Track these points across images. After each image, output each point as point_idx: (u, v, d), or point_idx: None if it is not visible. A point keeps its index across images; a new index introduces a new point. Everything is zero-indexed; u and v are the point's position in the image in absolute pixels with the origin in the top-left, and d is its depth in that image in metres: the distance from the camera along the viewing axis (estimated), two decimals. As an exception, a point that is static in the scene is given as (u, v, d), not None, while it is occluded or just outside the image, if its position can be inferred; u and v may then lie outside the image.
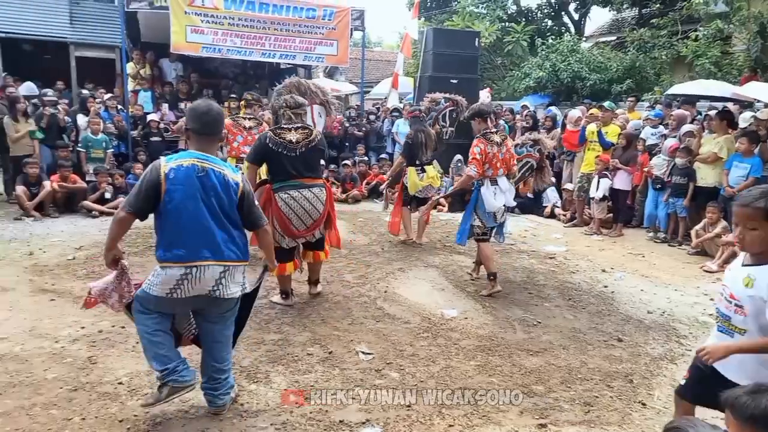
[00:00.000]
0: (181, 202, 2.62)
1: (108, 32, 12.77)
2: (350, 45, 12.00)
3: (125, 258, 2.93)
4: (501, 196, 5.04)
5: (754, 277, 2.10)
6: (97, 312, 4.22)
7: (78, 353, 3.58)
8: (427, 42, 11.53)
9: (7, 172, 8.53)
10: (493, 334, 4.20)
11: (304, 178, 4.30)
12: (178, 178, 2.62)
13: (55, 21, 12.78)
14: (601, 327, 4.45)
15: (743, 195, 2.16)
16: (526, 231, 7.89)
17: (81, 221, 7.45)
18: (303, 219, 4.31)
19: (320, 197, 4.36)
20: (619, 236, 7.64)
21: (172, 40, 9.50)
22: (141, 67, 11.31)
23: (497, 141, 5.04)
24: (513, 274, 5.78)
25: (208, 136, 2.77)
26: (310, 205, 4.30)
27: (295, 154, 4.26)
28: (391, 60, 21.98)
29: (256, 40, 10.06)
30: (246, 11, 9.83)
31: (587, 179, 8.03)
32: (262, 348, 3.76)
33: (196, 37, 9.64)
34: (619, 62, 14.34)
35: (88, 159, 8.56)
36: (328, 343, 3.86)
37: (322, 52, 10.66)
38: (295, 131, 4.33)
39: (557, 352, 3.94)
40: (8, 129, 8.07)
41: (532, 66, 15.11)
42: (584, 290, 5.36)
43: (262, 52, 10.25)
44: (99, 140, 8.65)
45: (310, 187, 4.31)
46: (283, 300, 4.57)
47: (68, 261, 5.59)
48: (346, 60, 11.35)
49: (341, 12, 10.52)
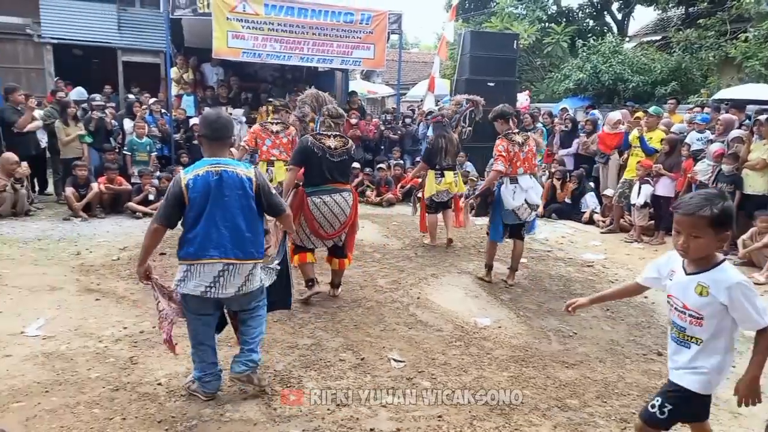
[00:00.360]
0: (202, 208, 2.86)
1: (154, 38, 13.18)
2: (387, 47, 12.05)
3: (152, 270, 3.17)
4: (521, 194, 5.22)
5: (707, 284, 2.13)
6: (139, 312, 4.40)
7: (120, 353, 3.70)
8: (464, 44, 11.50)
9: (57, 173, 8.90)
10: (527, 344, 4.14)
11: (337, 182, 4.53)
12: (197, 186, 2.86)
13: (104, 27, 13.27)
14: (640, 340, 4.33)
15: (685, 202, 2.13)
16: (563, 237, 7.75)
17: (126, 222, 7.70)
18: (332, 222, 4.55)
19: (348, 201, 4.59)
20: (661, 244, 7.42)
21: (214, 46, 9.75)
22: (184, 72, 11.63)
23: (519, 141, 5.26)
24: (549, 283, 5.68)
25: (218, 141, 3.00)
26: (339, 209, 4.53)
27: (333, 160, 4.50)
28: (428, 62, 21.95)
29: (295, 44, 10.22)
30: (285, 17, 10.00)
31: (629, 185, 7.83)
32: (295, 352, 3.81)
33: (237, 43, 9.86)
34: (664, 63, 13.95)
35: (133, 162, 8.88)
36: (360, 350, 3.88)
37: (360, 55, 10.75)
38: (333, 138, 4.58)
39: (593, 364, 3.86)
40: (59, 132, 8.43)
41: (572, 67, 14.85)
42: (623, 300, 5.19)
43: (300, 57, 10.40)
44: (143, 143, 8.96)
45: (341, 192, 4.54)
46: (309, 288, 4.72)
47: (113, 261, 5.79)
48: (382, 63, 11.42)
49: (378, 16, 10.57)
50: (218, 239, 2.88)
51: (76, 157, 8.39)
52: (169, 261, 5.83)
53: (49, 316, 4.26)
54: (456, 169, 6.75)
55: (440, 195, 6.55)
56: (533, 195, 5.29)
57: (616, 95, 14.27)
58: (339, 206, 4.53)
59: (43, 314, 4.27)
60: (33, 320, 4.14)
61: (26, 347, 3.73)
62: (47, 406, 3.02)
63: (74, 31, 13.01)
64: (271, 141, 6.27)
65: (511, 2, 18.78)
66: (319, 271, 5.07)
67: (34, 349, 3.69)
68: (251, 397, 3.21)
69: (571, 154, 9.69)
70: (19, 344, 3.76)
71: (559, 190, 9.01)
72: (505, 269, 5.78)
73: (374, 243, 6.92)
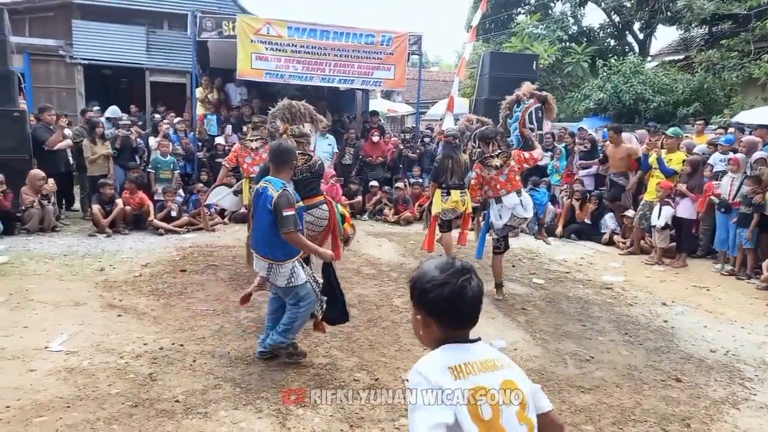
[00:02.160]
0: (254, 215, 3.83)
1: (180, 59, 13.53)
2: (407, 66, 12.17)
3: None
4: (507, 212, 5.49)
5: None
6: (159, 329, 4.48)
7: (140, 369, 3.77)
8: (483, 65, 11.57)
9: (84, 190, 9.13)
10: (543, 367, 4.11)
11: (304, 199, 4.54)
12: (254, 198, 3.83)
13: (133, 48, 13.69)
14: (659, 365, 4.27)
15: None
16: (582, 258, 7.68)
17: (149, 238, 7.85)
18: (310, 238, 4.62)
19: (321, 217, 4.77)
20: (683, 267, 7.31)
21: (238, 67, 9.97)
22: (209, 92, 11.87)
23: (496, 165, 5.51)
24: (566, 305, 5.63)
25: (276, 165, 3.84)
26: (312, 226, 4.71)
27: (296, 179, 4.57)
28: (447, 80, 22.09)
29: (317, 65, 10.39)
30: (308, 39, 10.18)
31: (649, 207, 7.74)
32: (310, 372, 3.84)
33: (261, 64, 10.06)
34: (686, 84, 13.83)
35: (157, 179, 9.07)
36: (375, 370, 3.90)
37: (380, 76, 10.86)
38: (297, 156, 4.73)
39: (610, 390, 3.81)
40: (86, 151, 8.65)
41: (593, 87, 14.81)
42: (642, 324, 5.15)
43: (322, 77, 10.55)
44: (167, 162, 9.16)
45: (310, 210, 4.67)
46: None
47: (135, 278, 5.89)
48: (403, 83, 11.52)
49: (399, 38, 10.71)
50: (257, 241, 3.82)
51: (102, 174, 8.60)
52: (189, 278, 5.93)
53: (73, 331, 4.36)
54: (464, 188, 6.71)
55: (446, 213, 6.55)
56: (520, 210, 5.50)
57: (637, 115, 14.16)
58: (311, 224, 4.68)
59: (66, 329, 4.38)
60: (57, 335, 4.25)
61: (50, 362, 3.82)
62: (68, 422, 3.09)
63: (104, 52, 13.45)
64: (251, 158, 6.44)
65: (532, 22, 18.87)
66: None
67: (57, 364, 3.79)
68: (266, 416, 3.24)
69: (591, 174, 9.62)
70: (43, 359, 3.86)
71: (578, 210, 8.94)
72: (523, 290, 5.75)
73: (391, 262, 6.95)
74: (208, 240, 7.76)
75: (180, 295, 5.36)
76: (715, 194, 7.28)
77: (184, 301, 5.21)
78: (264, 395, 3.48)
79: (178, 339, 4.29)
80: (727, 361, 4.41)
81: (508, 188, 5.49)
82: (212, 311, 4.96)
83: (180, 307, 5.02)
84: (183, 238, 7.88)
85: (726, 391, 3.89)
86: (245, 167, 6.48)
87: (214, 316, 4.84)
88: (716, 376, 4.11)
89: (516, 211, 5.49)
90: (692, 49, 16.01)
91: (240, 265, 6.36)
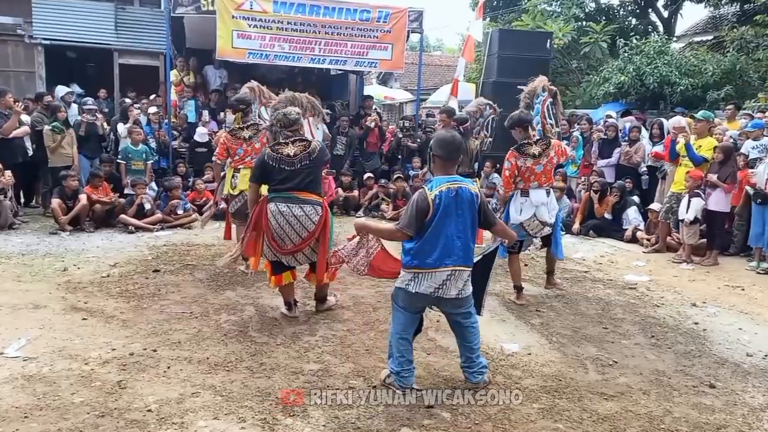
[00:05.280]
0: (442, 221, 3.49)
1: (153, 38, 13.46)
2: (407, 49, 12.15)
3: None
4: (529, 209, 5.33)
5: None
6: (129, 333, 4.44)
7: (107, 377, 3.73)
8: (491, 44, 11.56)
9: (46, 184, 9.04)
10: (561, 373, 4.08)
11: (298, 191, 4.57)
12: (441, 202, 3.49)
13: (100, 27, 13.57)
14: (690, 370, 4.25)
15: None
16: (602, 257, 7.67)
17: (118, 236, 7.81)
18: (290, 236, 4.58)
19: (311, 217, 4.59)
20: (714, 265, 7.30)
21: (218, 46, 9.91)
22: (185, 75, 11.85)
23: (534, 153, 5.35)
24: (586, 306, 5.61)
25: (451, 162, 3.66)
26: (298, 223, 4.55)
27: (293, 168, 4.58)
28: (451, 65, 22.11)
29: (306, 44, 10.35)
30: (295, 14, 10.13)
31: (676, 199, 7.73)
32: (300, 379, 3.80)
33: (243, 43, 10.01)
34: (716, 65, 13.84)
35: (128, 171, 9.00)
36: (372, 376, 3.86)
37: (376, 56, 10.83)
38: (292, 144, 4.65)
39: (636, 397, 3.79)
40: (47, 139, 8.56)
41: (613, 70, 14.81)
42: (670, 327, 5.14)
43: (311, 58, 10.52)
44: (139, 151, 9.10)
45: (302, 204, 4.56)
46: (287, 311, 4.91)
47: (102, 278, 5.86)
48: (401, 65, 11.50)
49: (397, 13, 10.67)
50: (452, 249, 3.50)
51: (65, 165, 8.53)
52: (162, 278, 5.90)
53: (32, 335, 4.31)
54: (473, 178, 6.69)
55: None
56: (544, 211, 5.35)
57: (662, 100, 14.17)
58: (298, 221, 4.54)
59: (24, 334, 4.32)
60: (13, 340, 4.20)
61: (5, 369, 3.77)
62: (26, 433, 3.04)
63: (68, 32, 13.34)
64: (243, 150, 6.12)
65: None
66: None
67: (14, 371, 3.74)
68: (250, 426, 3.21)
69: (612, 165, 9.61)
70: (-3, 365, 3.81)
71: (597, 204, 8.92)
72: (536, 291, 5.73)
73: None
74: (183, 238, 7.72)
75: (153, 297, 5.33)
76: (750, 183, 7.28)
77: (157, 303, 5.18)
78: (248, 404, 3.44)
79: (150, 344, 4.25)
80: (765, 365, 4.39)
81: (541, 181, 5.39)
82: (189, 314, 4.92)
83: (152, 310, 4.99)
84: (156, 236, 7.85)
85: (765, 397, 3.87)
86: (236, 159, 6.18)
87: (190, 320, 4.80)
88: (754, 382, 4.09)
89: (539, 212, 5.35)
90: (723, 27, 16.05)
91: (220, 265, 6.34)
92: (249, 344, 4.33)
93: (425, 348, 4.38)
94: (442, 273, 3.51)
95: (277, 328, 4.70)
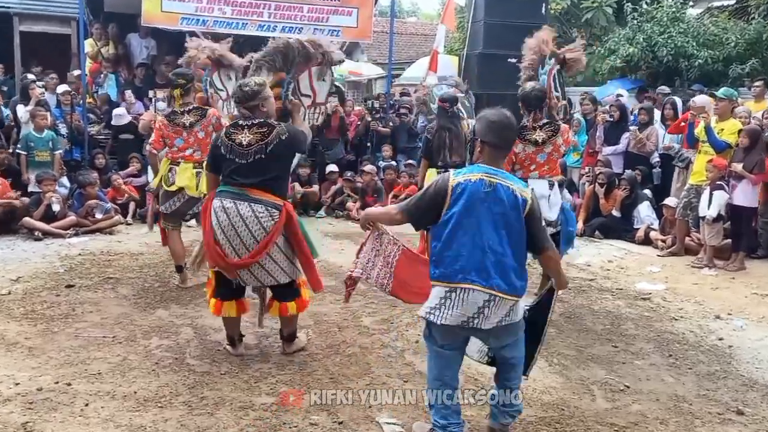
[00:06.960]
0: (463, 220, 3.19)
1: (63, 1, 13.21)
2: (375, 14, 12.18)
3: None
4: None
5: None
6: (36, 364, 4.36)
7: (9, 417, 3.64)
8: (476, 9, 11.66)
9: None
10: (563, 401, 4.14)
11: (249, 188, 4.29)
12: (464, 193, 3.18)
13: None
14: (714, 394, 4.34)
15: None
16: (610, 262, 7.79)
17: (21, 244, 7.66)
18: (233, 243, 4.27)
19: (262, 220, 4.26)
20: (740, 270, 7.47)
21: (144, 10, 9.82)
22: (103, 45, 11.67)
23: (536, 140, 5.46)
24: (592, 320, 5.70)
25: (504, 151, 3.46)
26: (244, 226, 4.24)
27: (246, 162, 4.29)
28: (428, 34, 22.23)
29: (252, 8, 10.32)
30: (239, -30, 10.08)
31: (696, 193, 7.87)
32: (250, 415, 3.78)
33: (174, 6, 9.94)
34: (740, 34, 14.14)
35: (31, 164, 8.80)
36: (338, 410, 3.86)
37: (338, 23, 10.84)
38: (248, 130, 4.33)
39: (652, 427, 3.86)
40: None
41: (620, 40, 15.03)
42: (690, 344, 5.24)
43: (258, 25, 10.48)
44: (44, 138, 8.88)
45: (252, 202, 4.25)
46: (230, 349, 4.69)
47: (1, 296, 5.73)
48: (368, 34, 11.54)
49: (363, -28, 10.69)
50: (482, 263, 3.16)
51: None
52: (77, 295, 5.81)
53: None
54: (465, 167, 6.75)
55: None
56: (544, 206, 5.28)
57: (678, 75, 14.44)
58: (244, 222, 4.22)
59: None
60: None
61: None
62: None
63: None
64: (183, 140, 5.98)
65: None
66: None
67: None
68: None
69: (620, 152, 9.76)
70: None
71: (603, 199, 9.04)
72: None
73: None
74: (103, 245, 7.62)
75: (66, 319, 5.25)
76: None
77: (71, 326, 5.10)
78: (186, 448, 3.41)
79: (63, 376, 4.17)
80: (801, 387, 4.52)
81: (542, 172, 5.48)
82: (111, 339, 4.86)
83: (66, 335, 4.91)
84: (69, 244, 7.73)
85: (801, 425, 3.98)
86: (174, 151, 6.03)
87: (113, 345, 4.74)
88: (789, 407, 4.21)
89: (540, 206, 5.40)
90: (746, -10, 16.43)
91: (150, 278, 6.25)
92: (186, 374, 4.28)
93: (401, 374, 4.39)
94: (475, 295, 3.15)
95: (220, 354, 4.65)
